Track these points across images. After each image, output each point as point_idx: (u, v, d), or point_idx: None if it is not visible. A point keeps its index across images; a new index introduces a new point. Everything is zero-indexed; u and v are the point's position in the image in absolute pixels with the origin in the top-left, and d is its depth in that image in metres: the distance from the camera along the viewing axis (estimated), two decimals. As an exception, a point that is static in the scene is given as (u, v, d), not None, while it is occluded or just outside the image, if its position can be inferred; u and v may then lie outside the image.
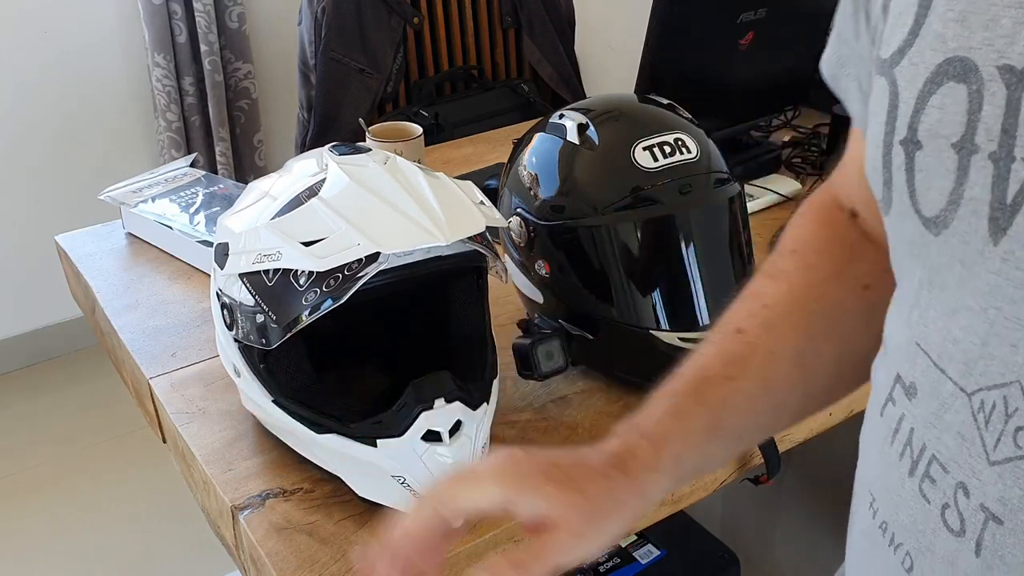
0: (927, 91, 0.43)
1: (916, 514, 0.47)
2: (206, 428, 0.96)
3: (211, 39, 2.41)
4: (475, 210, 0.82)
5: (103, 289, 1.22)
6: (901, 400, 0.49)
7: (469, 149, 1.67)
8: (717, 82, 1.43)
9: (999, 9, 0.40)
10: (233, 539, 0.88)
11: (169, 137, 2.48)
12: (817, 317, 0.62)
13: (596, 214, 0.95)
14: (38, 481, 2.20)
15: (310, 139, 1.94)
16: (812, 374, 0.63)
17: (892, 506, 0.50)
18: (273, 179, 0.89)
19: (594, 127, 0.97)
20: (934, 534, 0.46)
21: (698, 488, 0.99)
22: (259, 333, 0.81)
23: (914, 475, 0.47)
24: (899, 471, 0.48)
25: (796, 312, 0.62)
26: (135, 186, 1.39)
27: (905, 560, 0.48)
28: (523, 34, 2.05)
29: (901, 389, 0.49)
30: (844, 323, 0.62)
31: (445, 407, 0.81)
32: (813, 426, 1.07)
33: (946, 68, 0.42)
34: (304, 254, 0.76)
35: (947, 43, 0.42)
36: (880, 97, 0.47)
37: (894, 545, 0.50)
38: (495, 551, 0.84)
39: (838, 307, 0.63)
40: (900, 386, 0.49)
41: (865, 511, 0.55)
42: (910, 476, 0.47)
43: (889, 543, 0.50)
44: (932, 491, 0.46)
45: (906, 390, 0.48)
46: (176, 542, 2.00)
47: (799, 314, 0.62)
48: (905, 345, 0.48)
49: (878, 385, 0.53)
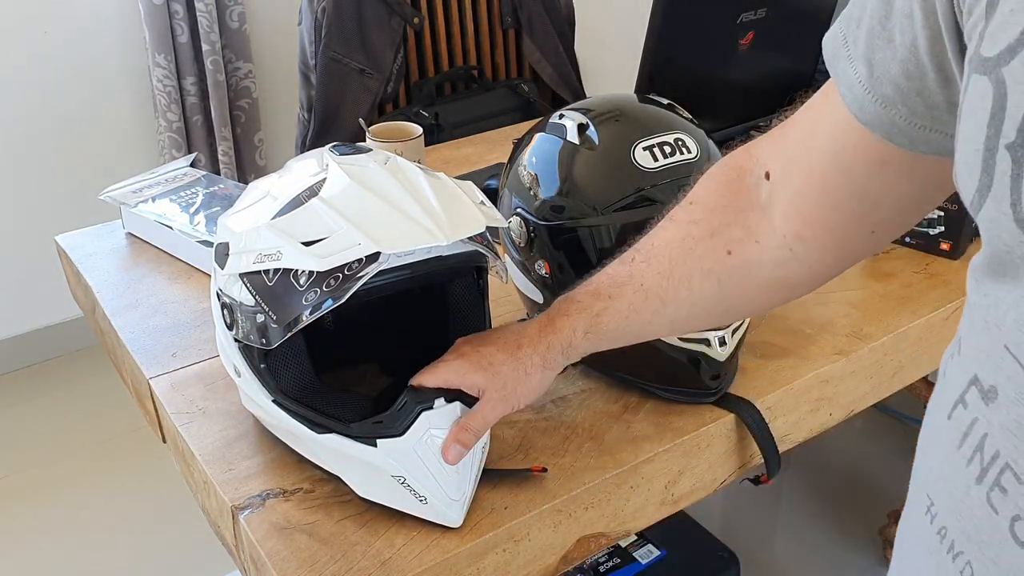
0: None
1: (981, 524, 0.46)
2: (206, 428, 0.96)
3: (213, 39, 2.41)
4: (475, 210, 0.82)
5: (103, 289, 1.23)
6: (975, 403, 0.47)
7: (469, 149, 1.67)
8: (717, 82, 1.43)
9: None
10: (233, 539, 0.88)
11: (170, 137, 2.48)
12: (681, 266, 0.75)
13: (596, 214, 0.95)
14: (38, 481, 2.20)
15: (310, 139, 1.94)
16: (672, 309, 0.76)
17: (954, 513, 0.48)
18: (273, 179, 0.89)
19: (594, 127, 0.97)
20: (1000, 546, 0.44)
21: (698, 488, 0.99)
22: (259, 333, 0.81)
23: (982, 483, 0.46)
24: (965, 477, 0.47)
25: (666, 257, 0.76)
26: (135, 186, 1.39)
27: (965, 569, 0.47)
28: (523, 34, 2.05)
29: (977, 392, 0.47)
30: (701, 278, 0.74)
31: (445, 407, 0.81)
32: (813, 426, 1.08)
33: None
34: (304, 254, 0.76)
35: None
36: (980, 96, 0.44)
37: (953, 553, 0.48)
38: (495, 551, 0.84)
39: (699, 262, 0.74)
40: (976, 389, 0.47)
41: (921, 514, 0.53)
42: (977, 483, 0.46)
43: (948, 550, 0.49)
44: (1002, 501, 0.44)
45: (983, 394, 0.46)
46: (176, 542, 2.00)
47: (667, 259, 0.75)
48: (989, 347, 0.46)
49: (948, 386, 0.51)
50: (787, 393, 1.02)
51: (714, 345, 0.95)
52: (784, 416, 1.03)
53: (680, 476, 0.96)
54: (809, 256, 0.69)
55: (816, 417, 1.07)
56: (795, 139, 0.67)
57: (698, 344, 0.94)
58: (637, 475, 0.92)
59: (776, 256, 0.71)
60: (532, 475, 0.88)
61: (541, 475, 0.89)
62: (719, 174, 0.75)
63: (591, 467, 0.90)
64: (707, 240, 0.73)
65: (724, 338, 0.95)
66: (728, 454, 0.99)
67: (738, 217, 0.72)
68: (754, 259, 0.72)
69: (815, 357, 1.06)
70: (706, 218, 0.74)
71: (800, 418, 1.05)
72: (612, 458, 0.91)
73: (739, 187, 0.73)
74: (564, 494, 0.87)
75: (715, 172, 0.76)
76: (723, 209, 0.73)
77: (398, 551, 0.81)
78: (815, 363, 1.05)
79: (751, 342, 1.06)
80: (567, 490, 0.88)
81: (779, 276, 0.72)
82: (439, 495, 0.81)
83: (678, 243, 0.75)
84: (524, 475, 0.88)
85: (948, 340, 0.54)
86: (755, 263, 0.72)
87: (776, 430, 1.00)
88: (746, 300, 0.77)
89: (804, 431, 1.07)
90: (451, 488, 0.81)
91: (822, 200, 0.65)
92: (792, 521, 2.06)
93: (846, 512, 2.06)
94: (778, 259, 0.71)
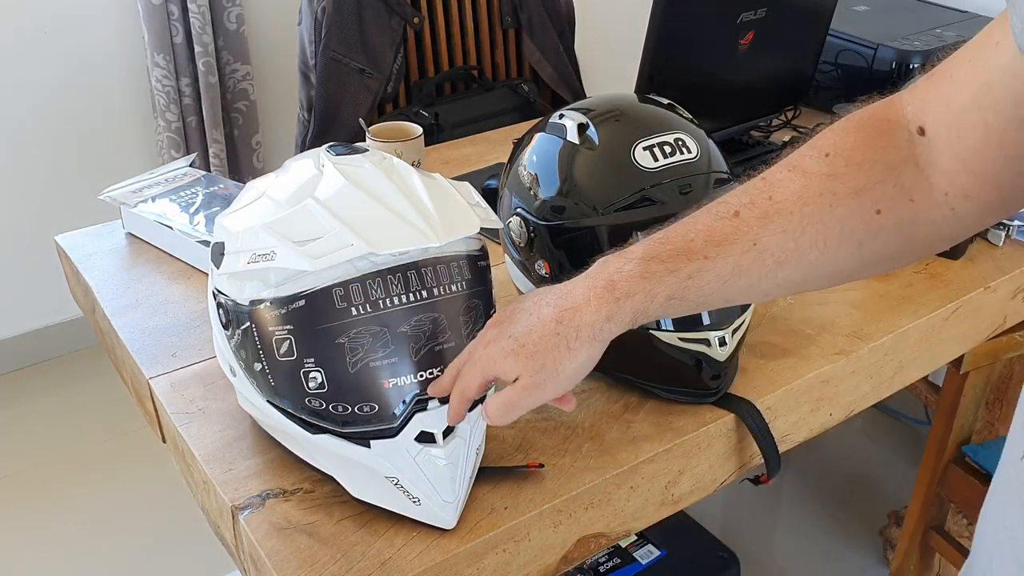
0: None
1: None
2: (206, 428, 0.96)
3: (205, 40, 2.41)
4: (470, 211, 0.82)
5: (103, 289, 1.22)
6: None
7: (469, 149, 1.67)
8: (717, 82, 1.43)
9: None
10: (233, 539, 0.88)
11: (168, 137, 2.48)
12: (814, 226, 0.65)
13: (596, 214, 0.95)
14: (38, 481, 2.20)
15: (310, 139, 1.94)
16: (789, 271, 0.67)
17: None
18: (270, 179, 0.89)
19: (594, 127, 0.97)
20: None
21: (698, 488, 0.99)
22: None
23: None
24: None
25: (796, 214, 0.66)
26: (135, 186, 1.39)
27: None
28: (523, 34, 2.05)
29: None
30: (839, 239, 0.66)
31: (439, 408, 0.81)
32: (813, 426, 1.08)
33: None
34: (298, 254, 0.76)
35: None
36: None
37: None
38: (494, 551, 0.84)
39: (840, 223, 0.65)
40: None
41: (1017, 459, 0.53)
42: None
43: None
44: None
45: None
46: (176, 542, 2.00)
47: (798, 217, 0.66)
48: None
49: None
50: (787, 393, 1.02)
51: (714, 345, 0.95)
52: (784, 416, 1.03)
53: (680, 476, 0.96)
54: (969, 214, 0.64)
55: (816, 417, 1.07)
56: (959, 92, 0.62)
57: (698, 344, 0.94)
58: (637, 475, 0.92)
59: (934, 215, 0.65)
60: (528, 471, 0.88)
61: (540, 473, 0.89)
62: (860, 125, 0.67)
63: (591, 467, 0.90)
64: (852, 198, 0.65)
65: (724, 338, 0.95)
66: (728, 454, 0.99)
67: (889, 174, 0.65)
68: (909, 218, 0.65)
69: (815, 357, 1.06)
70: (849, 173, 0.65)
71: (800, 418, 1.05)
72: (612, 458, 0.91)
73: (887, 141, 0.66)
74: (564, 494, 0.87)
75: (853, 123, 0.68)
76: (871, 164, 0.65)
77: (398, 551, 0.81)
78: (815, 363, 1.05)
79: (751, 342, 1.06)
80: (567, 490, 0.87)
81: (932, 234, 0.66)
82: (433, 497, 0.81)
83: (813, 199, 0.66)
84: (520, 471, 0.88)
85: (948, 340, 0.54)
86: (908, 222, 0.65)
87: (776, 430, 1.00)
88: (881, 261, 0.69)
89: (804, 431, 1.07)
90: (445, 490, 0.81)
91: (998, 155, 0.60)
92: (792, 521, 2.06)
93: (846, 512, 2.06)
94: (936, 218, 0.65)
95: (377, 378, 0.80)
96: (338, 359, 0.79)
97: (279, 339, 0.80)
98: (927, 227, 0.65)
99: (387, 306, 0.79)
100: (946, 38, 1.70)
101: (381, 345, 0.79)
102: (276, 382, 0.83)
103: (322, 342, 0.79)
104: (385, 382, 0.80)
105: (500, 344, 0.72)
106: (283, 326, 0.80)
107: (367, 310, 0.79)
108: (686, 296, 0.68)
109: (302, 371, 0.80)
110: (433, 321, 0.81)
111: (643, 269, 0.68)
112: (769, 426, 0.98)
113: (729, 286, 0.68)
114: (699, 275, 0.67)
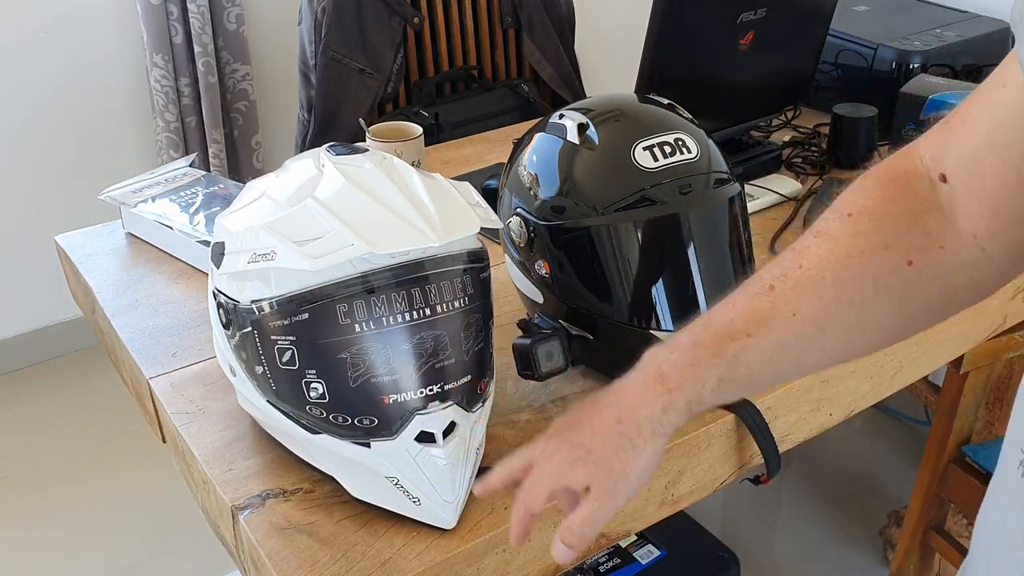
0: None
1: None
2: (206, 428, 0.96)
3: (205, 40, 2.41)
4: (470, 211, 0.82)
5: (103, 289, 1.22)
6: None
7: (469, 149, 1.67)
8: (717, 82, 1.43)
9: None
10: (233, 539, 0.88)
11: (167, 137, 2.48)
12: (848, 286, 0.65)
13: (596, 214, 0.95)
14: (38, 481, 2.20)
15: (310, 139, 1.94)
16: (832, 338, 0.67)
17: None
18: (271, 179, 0.89)
19: (594, 127, 0.97)
20: None
21: (698, 488, 0.99)
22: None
23: None
24: None
25: (829, 278, 0.66)
26: (135, 186, 1.39)
27: None
28: (523, 34, 2.05)
29: None
30: (875, 296, 0.65)
31: (440, 408, 0.81)
32: (813, 426, 1.08)
33: None
34: (298, 254, 0.76)
35: None
36: None
37: None
38: (494, 551, 0.84)
39: (874, 280, 0.65)
40: None
41: (1013, 468, 0.54)
42: None
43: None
44: None
45: None
46: (176, 542, 2.00)
47: (831, 281, 0.65)
48: None
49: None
50: (787, 393, 1.02)
51: (714, 345, 0.94)
52: (784, 416, 1.03)
53: (680, 476, 0.96)
54: (1001, 253, 0.64)
55: (816, 417, 1.07)
56: (973, 135, 0.62)
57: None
58: (637, 475, 0.92)
59: (966, 258, 0.64)
60: None
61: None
62: (879, 181, 0.68)
63: (591, 467, 0.90)
64: (881, 253, 0.65)
65: (724, 338, 0.95)
66: (728, 454, 0.99)
67: (914, 224, 0.65)
68: (942, 266, 0.65)
69: (815, 357, 1.06)
70: (874, 229, 0.65)
71: (800, 418, 1.05)
72: (612, 458, 0.91)
73: (908, 192, 0.66)
74: (564, 494, 0.87)
75: (871, 181, 0.68)
76: (895, 217, 0.65)
77: (398, 551, 0.81)
78: (815, 363, 1.05)
79: (751, 342, 1.06)
80: (567, 490, 0.87)
81: (969, 279, 0.66)
82: (433, 497, 0.81)
83: (842, 260, 0.66)
84: None
85: (948, 340, 0.54)
86: (944, 270, 0.65)
87: (776, 430, 1.00)
88: (927, 311, 0.68)
89: (804, 431, 1.07)
90: (445, 490, 0.81)
91: (1016, 192, 0.60)
92: (792, 521, 2.06)
93: (846, 512, 2.06)
94: (968, 260, 0.65)
95: (378, 393, 0.80)
96: (340, 373, 0.80)
97: (281, 348, 0.80)
98: (962, 273, 0.65)
99: (390, 324, 0.79)
100: (946, 38, 1.70)
101: (383, 361, 0.80)
102: (277, 387, 0.83)
103: (324, 356, 0.79)
104: (386, 397, 0.80)
105: (565, 453, 0.70)
106: (286, 336, 0.80)
107: (370, 327, 0.79)
108: (736, 377, 0.67)
109: (303, 380, 0.81)
110: (435, 339, 0.81)
111: (690, 356, 0.68)
112: (769, 426, 0.98)
113: (777, 360, 0.68)
114: (744, 353, 0.67)
